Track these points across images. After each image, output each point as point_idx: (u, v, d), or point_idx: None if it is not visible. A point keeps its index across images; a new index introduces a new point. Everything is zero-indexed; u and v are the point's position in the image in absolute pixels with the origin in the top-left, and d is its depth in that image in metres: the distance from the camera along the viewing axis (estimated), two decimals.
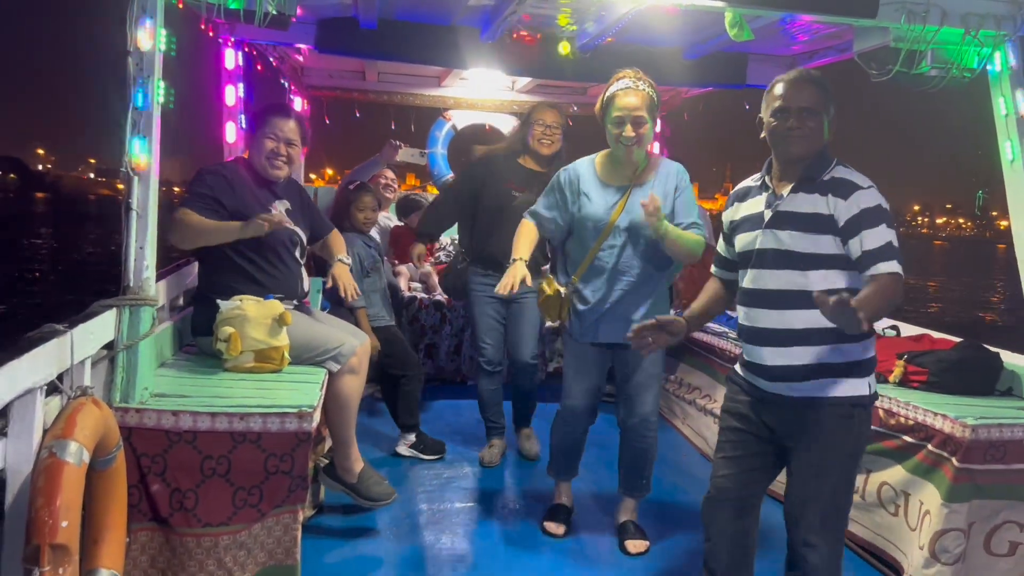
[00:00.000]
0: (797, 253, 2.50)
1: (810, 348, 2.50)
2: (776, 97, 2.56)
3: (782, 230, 2.52)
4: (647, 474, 3.75)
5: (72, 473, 2.12)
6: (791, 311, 2.51)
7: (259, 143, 3.57)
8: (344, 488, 3.65)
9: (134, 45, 2.90)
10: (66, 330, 2.42)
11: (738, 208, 2.74)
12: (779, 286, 2.53)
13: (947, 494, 3.16)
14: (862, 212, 2.42)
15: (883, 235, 2.40)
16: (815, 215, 2.48)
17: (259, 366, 3.26)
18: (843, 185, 2.48)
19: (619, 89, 3.38)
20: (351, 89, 7.17)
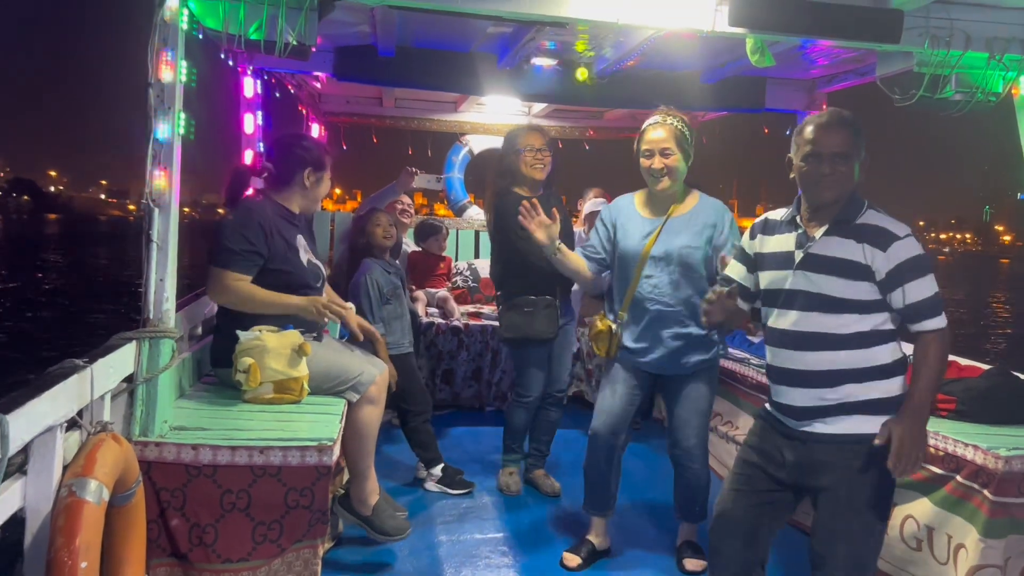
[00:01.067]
0: (830, 297, 2.47)
1: (841, 388, 2.48)
2: (808, 141, 2.52)
3: (815, 273, 2.49)
4: (700, 501, 3.76)
5: (92, 512, 2.10)
6: (822, 352, 2.49)
7: (326, 184, 3.63)
8: (358, 520, 3.61)
9: (155, 77, 2.90)
10: (86, 365, 2.40)
11: (764, 241, 2.71)
12: (810, 328, 2.50)
13: (984, 529, 3.09)
14: (903, 264, 2.41)
15: (927, 287, 2.41)
16: (850, 262, 2.45)
17: (279, 397, 3.24)
18: (879, 234, 2.44)
19: (648, 125, 3.55)
20: (368, 115, 7.21)
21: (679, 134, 3.52)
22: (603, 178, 7.09)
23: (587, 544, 3.78)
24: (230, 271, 3.32)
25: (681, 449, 3.64)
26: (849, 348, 2.47)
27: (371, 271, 4.43)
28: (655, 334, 3.53)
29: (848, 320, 2.46)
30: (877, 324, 2.48)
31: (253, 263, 3.35)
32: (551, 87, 5.14)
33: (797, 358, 2.54)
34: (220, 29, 3.14)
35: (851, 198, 2.53)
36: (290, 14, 3.14)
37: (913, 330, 2.43)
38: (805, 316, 2.51)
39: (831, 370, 2.48)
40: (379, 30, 4.32)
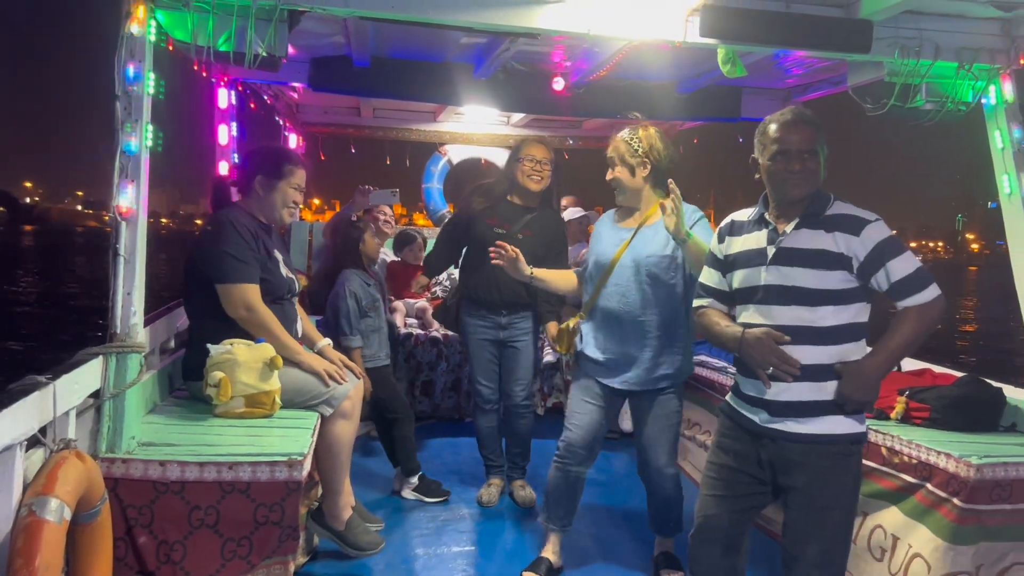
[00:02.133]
0: (805, 289, 2.48)
1: (816, 384, 2.48)
2: (774, 139, 2.54)
3: (788, 267, 2.50)
4: (675, 516, 3.74)
5: (52, 532, 2.07)
6: (799, 346, 2.48)
7: (282, 192, 3.53)
8: (331, 535, 3.58)
9: (123, 89, 2.88)
10: (48, 381, 2.37)
11: (732, 242, 2.71)
12: (786, 322, 2.50)
13: (951, 536, 3.09)
14: (880, 244, 2.43)
15: (909, 262, 2.43)
16: (823, 252, 2.47)
17: (250, 411, 3.21)
18: (850, 221, 2.47)
19: (618, 136, 3.54)
20: (346, 125, 7.19)
21: (623, 148, 3.48)
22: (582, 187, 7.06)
23: (544, 562, 3.70)
24: (245, 284, 3.31)
25: (652, 468, 3.60)
26: (824, 343, 2.47)
27: (350, 282, 4.40)
28: (623, 345, 3.48)
29: (824, 313, 2.46)
30: (852, 317, 2.48)
31: (257, 270, 3.36)
32: (528, 97, 5.14)
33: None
34: (189, 41, 3.12)
35: (818, 192, 2.55)
36: (259, 25, 3.13)
37: (902, 306, 2.44)
38: (782, 310, 2.51)
39: (807, 364, 2.47)
40: (353, 41, 4.30)
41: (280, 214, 3.54)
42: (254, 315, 3.31)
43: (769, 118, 2.61)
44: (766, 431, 2.56)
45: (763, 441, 2.58)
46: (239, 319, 3.31)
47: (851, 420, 2.51)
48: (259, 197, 3.52)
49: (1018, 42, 3.58)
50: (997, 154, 3.67)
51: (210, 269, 3.32)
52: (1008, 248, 3.63)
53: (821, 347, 2.48)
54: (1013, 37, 3.57)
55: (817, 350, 2.47)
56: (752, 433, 2.61)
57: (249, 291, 3.31)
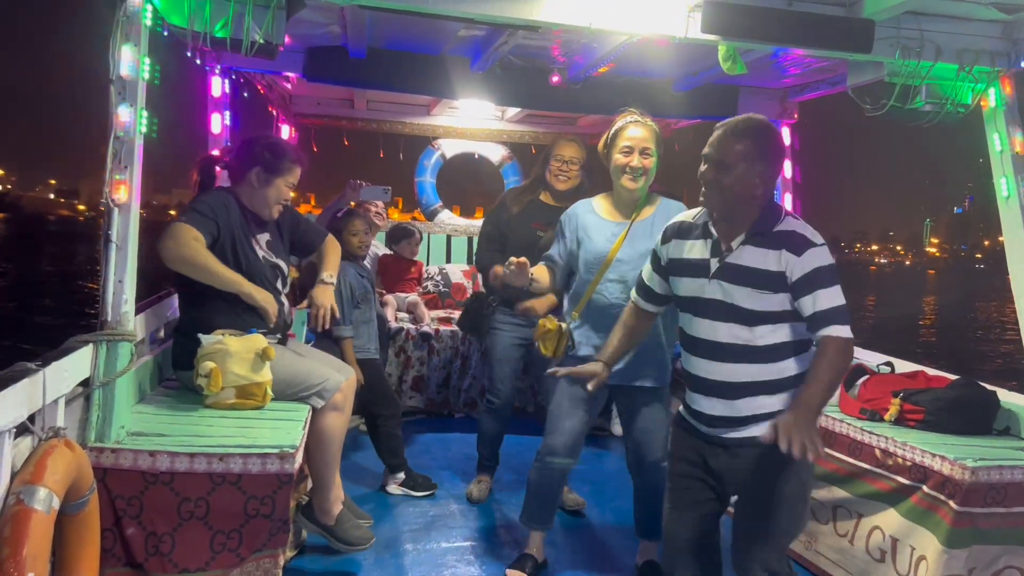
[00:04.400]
0: (744, 309, 2.45)
1: (752, 399, 2.47)
2: (706, 145, 2.55)
3: (730, 284, 2.46)
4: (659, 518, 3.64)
5: (40, 521, 2.03)
6: (734, 364, 2.47)
7: (276, 188, 3.49)
8: (320, 530, 3.54)
9: (117, 73, 2.84)
10: (38, 368, 2.33)
11: (679, 246, 2.65)
12: (724, 339, 2.47)
13: (947, 539, 3.09)
14: (816, 271, 2.39)
15: (836, 296, 2.40)
16: (765, 272, 2.43)
17: (241, 402, 3.17)
18: (796, 240, 2.43)
19: (629, 122, 3.50)
20: (340, 117, 7.13)
21: (658, 136, 3.50)
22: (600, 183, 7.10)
23: (529, 559, 3.67)
24: (190, 225, 3.22)
25: (647, 464, 3.53)
26: (761, 361, 2.45)
27: (345, 273, 4.38)
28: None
29: (762, 332, 2.44)
30: (789, 335, 2.46)
31: (209, 227, 3.27)
32: (524, 92, 5.11)
33: (710, 368, 2.51)
34: (185, 26, 3.08)
35: (769, 208, 2.50)
36: (257, 12, 3.09)
37: (819, 336, 2.39)
38: (719, 326, 2.48)
39: (743, 382, 2.45)
40: (349, 31, 4.26)
41: (270, 209, 3.50)
42: (184, 250, 3.18)
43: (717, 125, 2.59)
44: (713, 439, 2.56)
45: (714, 448, 2.57)
46: (165, 254, 3.17)
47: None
48: (252, 188, 3.48)
49: (1019, 45, 3.57)
50: (995, 157, 3.66)
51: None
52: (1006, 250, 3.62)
53: (757, 365, 2.46)
54: (1014, 40, 3.56)
55: (759, 368, 2.46)
56: (703, 439, 2.60)
57: (185, 229, 3.21)
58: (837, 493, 3.65)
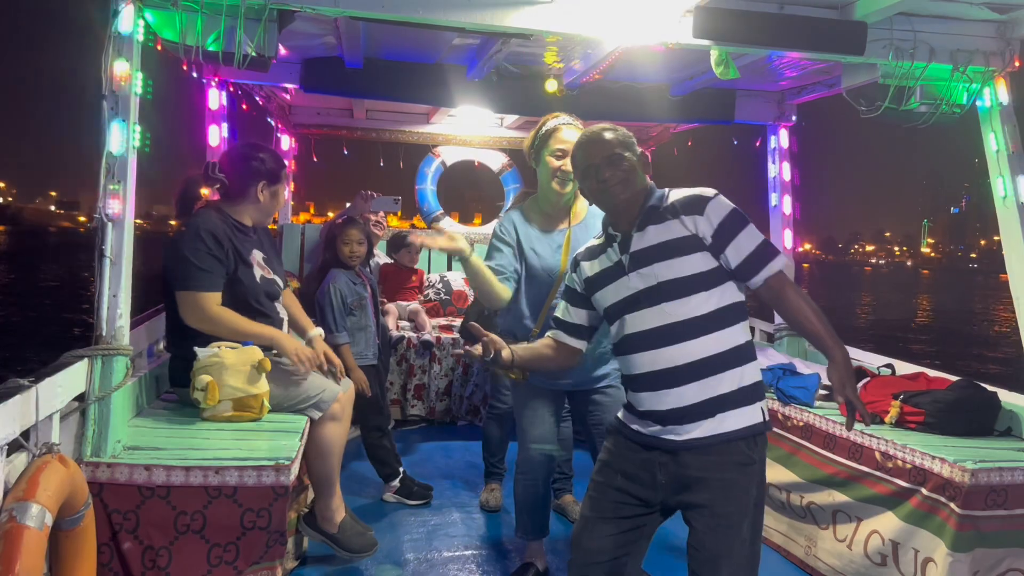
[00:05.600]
0: (670, 281, 2.39)
1: (700, 382, 2.37)
2: (578, 164, 2.58)
3: (647, 267, 2.42)
4: None
5: (33, 538, 2.02)
6: (681, 344, 2.38)
7: (280, 196, 3.52)
8: (324, 539, 3.54)
9: (110, 88, 2.85)
10: (31, 384, 2.33)
11: (590, 266, 2.62)
12: (659, 322, 2.40)
13: (952, 543, 3.07)
14: (724, 220, 2.37)
15: (755, 235, 2.38)
16: (674, 240, 2.40)
17: (238, 415, 3.17)
18: (690, 202, 2.41)
19: (560, 124, 3.36)
20: (339, 126, 7.15)
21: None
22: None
23: (531, 568, 3.66)
24: (203, 292, 3.21)
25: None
26: (705, 333, 2.37)
27: (336, 280, 4.39)
28: None
29: (698, 301, 2.37)
30: (725, 299, 2.40)
31: (220, 277, 3.26)
32: (520, 99, 5.11)
33: (658, 357, 2.40)
34: (177, 40, 3.09)
35: (650, 191, 2.50)
36: (248, 25, 3.10)
37: (759, 279, 2.37)
38: (655, 311, 2.41)
39: (688, 362, 2.37)
40: (344, 41, 4.27)
41: (274, 216, 3.53)
42: (212, 324, 3.21)
43: (574, 145, 2.63)
44: (665, 445, 2.41)
45: (665, 460, 2.42)
46: (197, 328, 3.21)
47: (746, 411, 2.38)
48: (258, 203, 3.46)
49: (1013, 44, 3.56)
50: (992, 157, 3.64)
51: (171, 275, 3.26)
52: (1004, 251, 3.60)
53: (702, 339, 2.37)
54: (1008, 39, 3.55)
55: (700, 343, 2.36)
56: (646, 447, 2.46)
57: (205, 299, 3.21)
58: (837, 497, 3.63)
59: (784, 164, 5.51)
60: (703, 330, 2.37)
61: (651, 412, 2.44)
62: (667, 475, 2.42)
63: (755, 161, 5.67)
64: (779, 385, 4.21)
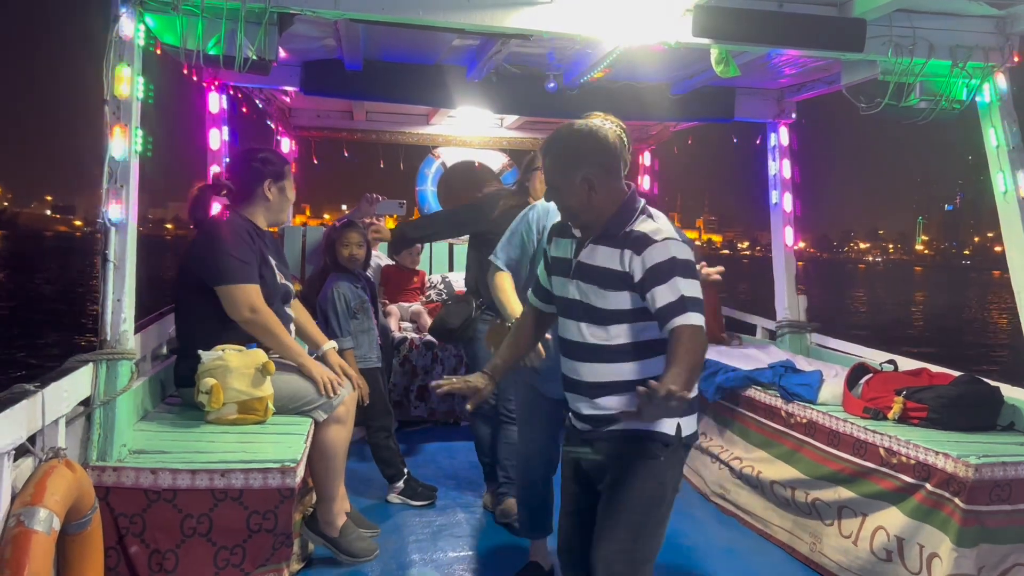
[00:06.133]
0: (597, 309, 2.40)
1: (617, 398, 2.38)
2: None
3: (583, 283, 2.43)
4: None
5: (41, 542, 2.03)
6: (594, 364, 2.41)
7: (288, 192, 3.55)
8: (325, 542, 3.55)
9: (111, 93, 2.85)
10: (37, 390, 2.34)
11: (557, 244, 2.60)
12: (584, 339, 2.42)
13: (956, 537, 3.08)
14: (652, 268, 2.30)
15: (675, 289, 2.27)
16: (610, 271, 2.37)
17: (242, 418, 3.18)
18: (639, 240, 2.35)
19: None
20: (339, 129, 7.16)
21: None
22: None
23: (536, 567, 3.65)
24: (249, 284, 3.28)
25: None
26: (620, 361, 2.38)
27: (338, 285, 4.39)
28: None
29: (617, 332, 2.38)
30: (647, 335, 2.38)
31: (255, 273, 3.33)
32: (520, 99, 5.12)
33: (575, 368, 2.46)
34: (178, 45, 3.10)
35: (623, 208, 2.43)
36: (249, 28, 3.11)
37: (667, 329, 2.26)
38: (578, 327, 2.43)
39: (603, 382, 2.40)
40: (344, 44, 4.28)
41: (288, 213, 3.57)
42: (258, 316, 3.27)
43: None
44: (583, 435, 2.51)
45: (586, 447, 2.50)
46: (243, 321, 3.26)
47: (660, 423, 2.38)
48: (268, 202, 3.50)
49: (1012, 40, 3.57)
50: (992, 152, 3.65)
51: (209, 272, 3.28)
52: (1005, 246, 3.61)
53: (618, 365, 2.39)
54: (1007, 35, 3.56)
55: (614, 368, 2.39)
56: (579, 439, 2.54)
57: (252, 291, 3.28)
58: (842, 493, 3.64)
59: (784, 161, 5.52)
60: (620, 358, 2.40)
61: (578, 413, 2.53)
62: (588, 462, 2.53)
63: (755, 159, 5.69)
64: (781, 383, 4.23)
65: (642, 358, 2.40)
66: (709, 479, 4.76)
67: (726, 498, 4.55)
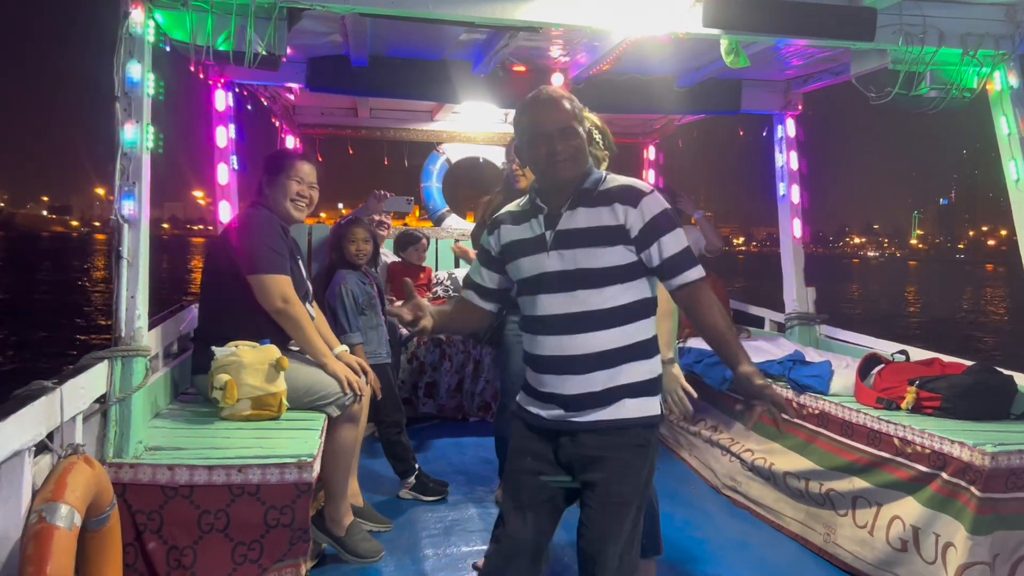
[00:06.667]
0: (589, 270, 2.35)
1: (609, 371, 2.36)
2: (530, 123, 2.40)
3: (569, 249, 2.37)
4: (653, 534, 3.32)
5: (63, 538, 2.03)
6: (590, 334, 2.36)
7: (283, 186, 3.53)
8: (331, 541, 3.55)
9: (122, 90, 2.85)
10: (55, 386, 2.34)
11: (508, 231, 2.51)
12: (576, 308, 2.36)
13: (972, 526, 3.07)
14: (656, 218, 2.32)
15: (679, 239, 2.33)
16: (601, 227, 2.35)
17: (257, 413, 3.17)
18: (628, 192, 2.35)
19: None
20: (343, 126, 7.15)
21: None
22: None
23: None
24: (283, 275, 3.33)
25: None
26: (615, 325, 2.36)
27: (345, 281, 4.38)
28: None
29: (612, 293, 2.35)
30: (639, 293, 2.38)
31: (287, 265, 3.37)
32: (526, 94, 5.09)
33: (566, 343, 2.37)
34: (188, 40, 3.09)
35: (589, 171, 2.43)
36: (259, 24, 3.10)
37: (675, 284, 2.34)
38: (569, 297, 2.36)
39: (601, 351, 2.35)
40: (351, 39, 4.27)
41: (285, 207, 3.53)
42: (290, 307, 3.31)
43: (522, 103, 2.46)
44: (564, 426, 2.40)
45: (559, 440, 2.42)
46: (274, 310, 3.30)
47: (647, 401, 2.39)
48: (266, 195, 3.55)
49: (1022, 27, 3.56)
50: (1003, 140, 3.65)
51: (244, 260, 3.31)
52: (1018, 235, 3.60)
53: (612, 330, 2.36)
54: (1018, 22, 3.55)
55: (609, 334, 2.35)
56: (545, 432, 2.45)
57: (285, 282, 3.32)
58: (857, 483, 3.63)
59: (791, 153, 5.51)
60: (614, 322, 2.36)
61: (554, 395, 2.42)
62: (567, 455, 2.42)
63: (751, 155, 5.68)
64: (791, 375, 4.22)
65: (628, 322, 2.37)
66: (720, 472, 4.75)
67: (737, 490, 4.55)
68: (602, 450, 2.37)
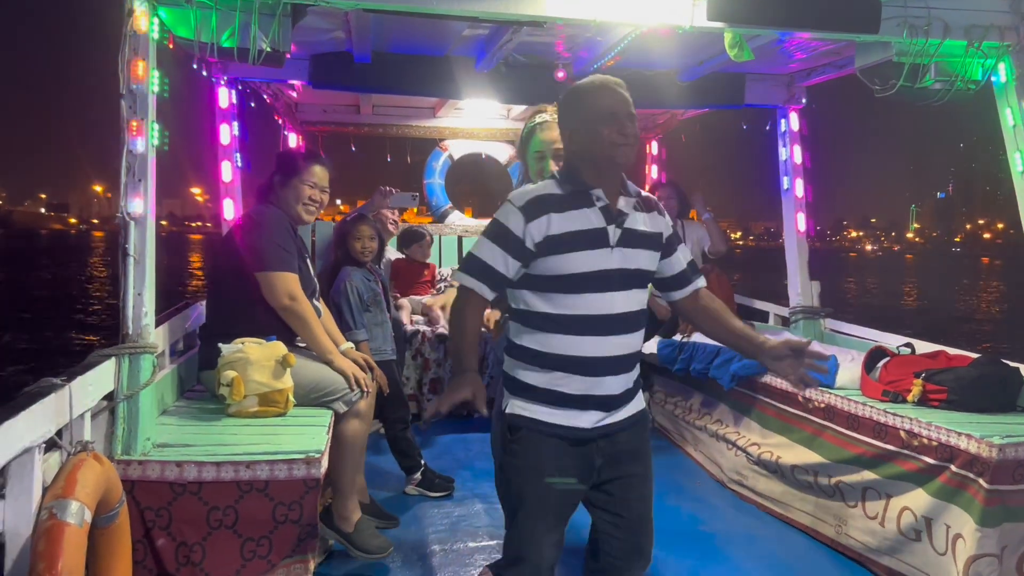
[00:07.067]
0: (642, 272, 2.39)
1: (634, 372, 2.44)
2: (602, 104, 2.31)
3: (631, 248, 2.35)
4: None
5: (74, 535, 2.03)
6: (635, 333, 2.39)
7: (295, 188, 3.56)
8: (339, 537, 3.56)
9: (127, 87, 2.85)
10: (64, 383, 2.34)
11: (559, 220, 2.29)
12: (630, 308, 2.35)
13: (980, 518, 3.07)
14: (673, 228, 2.49)
15: (686, 248, 2.57)
16: (654, 234, 2.42)
17: (263, 410, 3.18)
18: (653, 200, 2.48)
19: (537, 124, 3.18)
20: (346, 123, 7.15)
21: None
22: None
23: None
24: (290, 273, 3.35)
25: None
26: (641, 327, 2.43)
27: (350, 278, 4.38)
28: None
29: (642, 296, 2.42)
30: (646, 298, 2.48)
31: (295, 263, 3.40)
32: (529, 89, 5.10)
33: (619, 343, 2.34)
34: (192, 38, 3.09)
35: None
36: (263, 20, 3.10)
37: (688, 291, 2.53)
38: (626, 296, 2.34)
39: (635, 352, 2.42)
40: (354, 35, 4.27)
41: (296, 210, 3.55)
42: (297, 304, 3.34)
43: (581, 85, 2.38)
44: (603, 430, 2.36)
45: (597, 444, 2.37)
46: (281, 308, 3.33)
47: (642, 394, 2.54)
48: (277, 196, 3.57)
49: None
50: (1008, 132, 3.64)
51: (252, 257, 3.34)
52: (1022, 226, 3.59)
53: (640, 331, 2.43)
54: (1022, 14, 3.54)
55: (639, 335, 2.43)
56: (582, 442, 2.36)
57: (292, 280, 3.34)
58: (866, 476, 3.63)
59: (795, 147, 5.50)
60: (642, 320, 2.44)
61: (592, 397, 2.34)
62: (603, 456, 2.39)
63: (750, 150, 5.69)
64: None
65: (645, 322, 2.47)
66: (726, 466, 4.75)
67: (744, 484, 4.55)
68: (636, 443, 2.46)
